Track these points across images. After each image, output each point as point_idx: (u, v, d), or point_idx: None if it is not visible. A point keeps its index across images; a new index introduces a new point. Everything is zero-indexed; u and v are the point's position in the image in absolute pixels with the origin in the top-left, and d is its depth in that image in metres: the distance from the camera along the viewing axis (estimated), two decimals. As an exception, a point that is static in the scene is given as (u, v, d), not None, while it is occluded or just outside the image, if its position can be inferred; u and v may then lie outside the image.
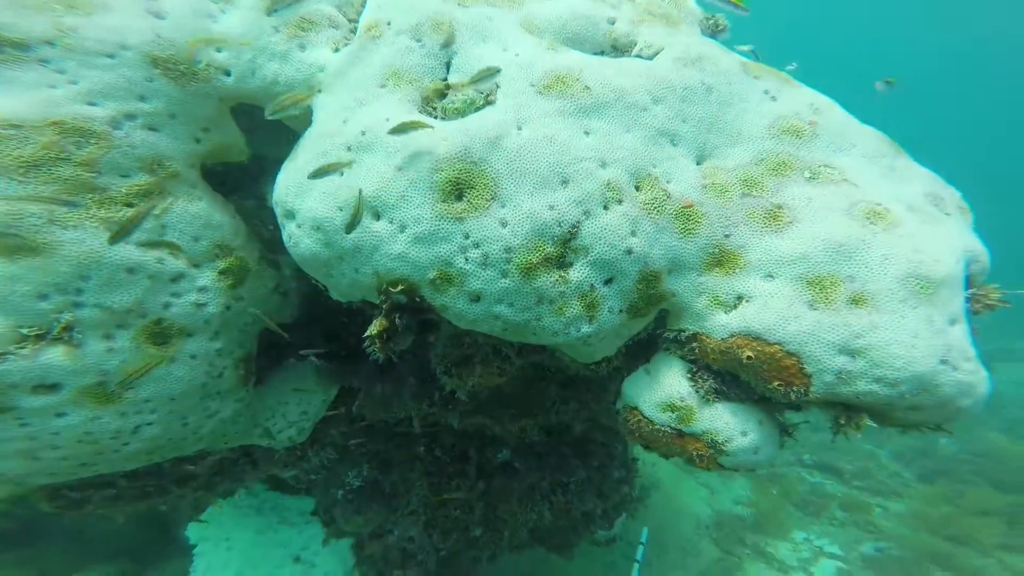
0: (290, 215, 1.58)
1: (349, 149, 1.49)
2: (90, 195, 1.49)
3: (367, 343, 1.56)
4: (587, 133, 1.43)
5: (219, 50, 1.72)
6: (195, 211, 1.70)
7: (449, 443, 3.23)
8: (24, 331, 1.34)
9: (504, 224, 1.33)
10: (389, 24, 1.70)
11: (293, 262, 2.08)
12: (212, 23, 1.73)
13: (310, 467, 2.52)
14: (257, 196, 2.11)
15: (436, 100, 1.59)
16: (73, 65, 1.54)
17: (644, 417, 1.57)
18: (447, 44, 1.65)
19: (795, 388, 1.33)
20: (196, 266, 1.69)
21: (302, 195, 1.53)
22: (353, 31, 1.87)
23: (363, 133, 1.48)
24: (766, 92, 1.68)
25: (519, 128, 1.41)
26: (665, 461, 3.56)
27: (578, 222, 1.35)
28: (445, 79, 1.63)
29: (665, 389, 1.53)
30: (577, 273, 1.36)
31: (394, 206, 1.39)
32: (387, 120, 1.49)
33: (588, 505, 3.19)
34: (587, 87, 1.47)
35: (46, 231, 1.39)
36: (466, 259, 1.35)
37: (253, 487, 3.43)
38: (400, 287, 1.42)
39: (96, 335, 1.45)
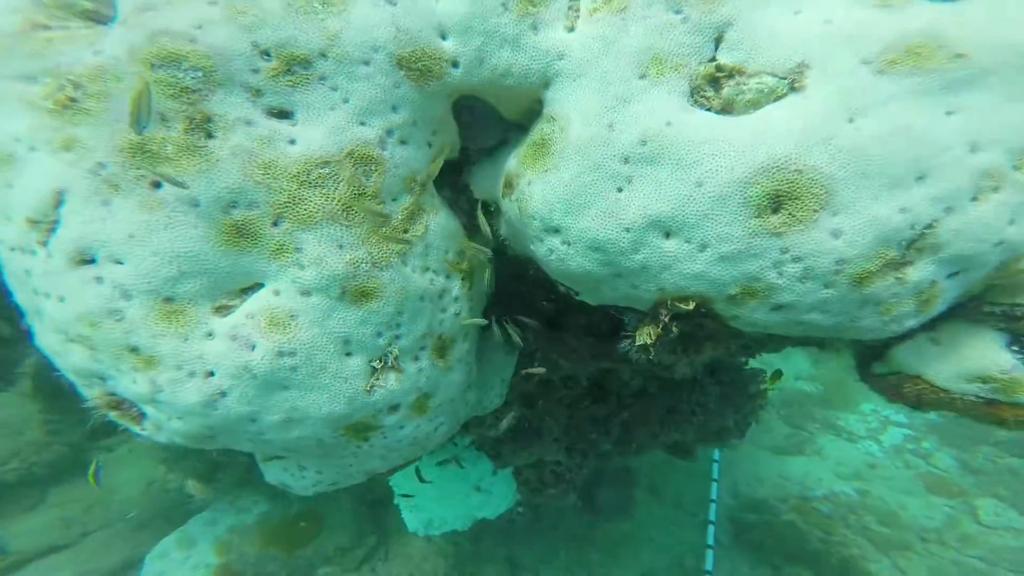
0: (554, 231, 1.52)
1: (626, 161, 1.35)
2: (384, 228, 1.49)
3: (636, 351, 1.63)
4: (950, 113, 1.17)
5: (444, 36, 1.47)
6: (444, 223, 1.69)
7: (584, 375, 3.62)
8: (375, 365, 1.52)
9: (837, 235, 1.19)
10: (634, -10, 1.36)
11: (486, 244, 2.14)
12: (434, 2, 1.45)
13: (505, 425, 2.91)
14: (453, 187, 2.08)
15: (708, 89, 1.34)
16: (343, 79, 1.38)
17: (935, 386, 1.55)
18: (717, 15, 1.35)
19: None
20: (448, 277, 1.79)
21: (573, 213, 1.44)
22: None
23: (643, 143, 1.32)
24: None
25: (851, 120, 1.18)
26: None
27: (935, 220, 1.18)
28: (713, 59, 1.37)
29: (975, 361, 1.47)
30: (919, 272, 1.22)
31: (694, 225, 1.28)
32: (668, 124, 1.31)
33: (726, 421, 3.67)
34: (958, 55, 1.14)
35: (373, 275, 1.45)
36: (779, 273, 1.25)
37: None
38: (693, 303, 1.39)
39: (409, 359, 1.61)
